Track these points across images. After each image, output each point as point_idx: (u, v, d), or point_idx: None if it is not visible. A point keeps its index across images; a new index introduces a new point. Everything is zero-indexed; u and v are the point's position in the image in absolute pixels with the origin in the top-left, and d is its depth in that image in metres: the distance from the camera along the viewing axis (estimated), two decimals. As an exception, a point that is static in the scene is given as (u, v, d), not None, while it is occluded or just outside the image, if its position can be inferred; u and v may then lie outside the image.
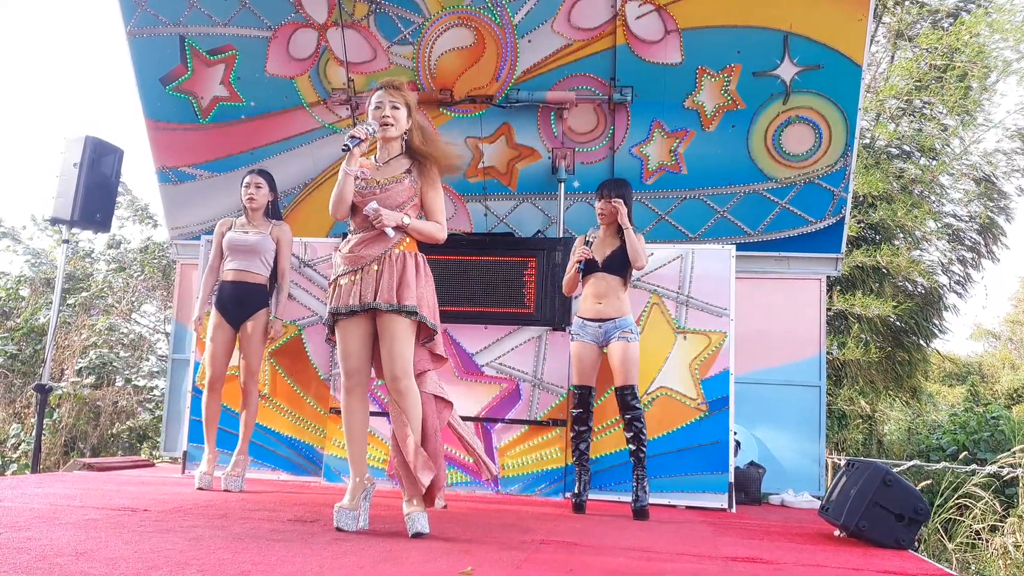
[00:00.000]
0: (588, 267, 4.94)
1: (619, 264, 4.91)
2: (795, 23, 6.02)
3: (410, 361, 3.56)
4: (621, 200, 4.92)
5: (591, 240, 5.00)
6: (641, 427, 4.77)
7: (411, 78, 6.60)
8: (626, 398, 4.79)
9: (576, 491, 4.87)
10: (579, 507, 4.82)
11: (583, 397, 4.94)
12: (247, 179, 5.30)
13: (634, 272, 4.99)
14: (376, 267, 3.59)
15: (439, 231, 3.73)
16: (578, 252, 4.95)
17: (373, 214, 3.55)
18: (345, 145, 3.57)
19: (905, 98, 11.15)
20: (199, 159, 7.04)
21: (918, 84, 10.79)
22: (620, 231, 4.96)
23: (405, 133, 3.75)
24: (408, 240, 3.67)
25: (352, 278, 3.61)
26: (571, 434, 5.01)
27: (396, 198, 3.64)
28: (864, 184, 10.47)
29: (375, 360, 3.69)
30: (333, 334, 3.70)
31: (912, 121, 11.75)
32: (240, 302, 5.17)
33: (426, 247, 3.77)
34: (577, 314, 5.04)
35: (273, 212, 5.37)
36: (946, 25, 11.38)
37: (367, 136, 3.62)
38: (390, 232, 3.59)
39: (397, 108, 3.69)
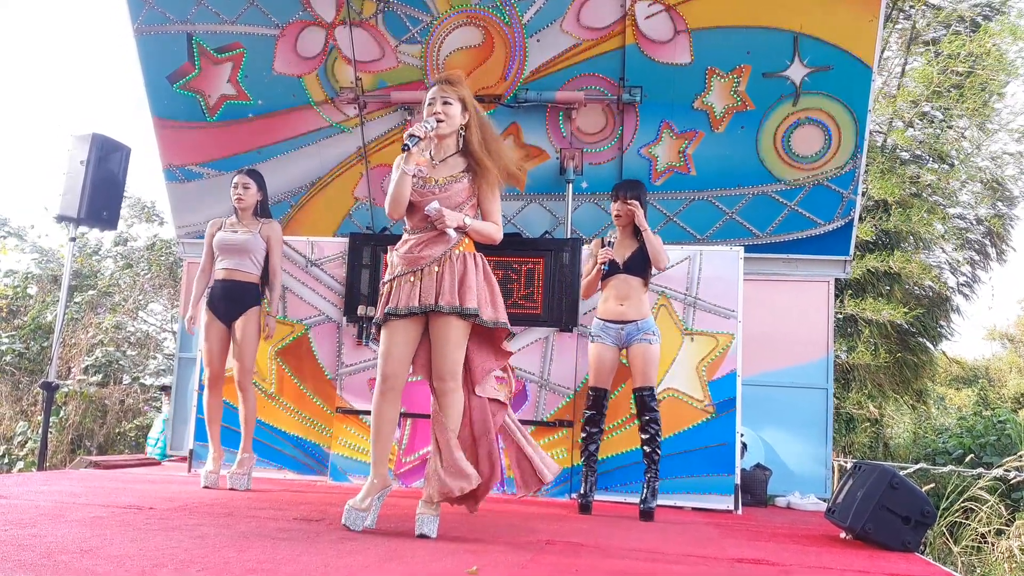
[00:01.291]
0: (609, 269, 4.89)
1: (640, 265, 4.88)
2: (805, 24, 6.00)
3: (460, 364, 3.54)
4: (637, 202, 4.90)
5: (611, 241, 4.92)
6: (658, 430, 4.74)
7: (419, 77, 6.59)
8: (645, 399, 4.76)
9: (582, 492, 4.85)
10: (585, 508, 4.80)
11: (598, 399, 4.90)
12: (236, 179, 5.30)
13: (653, 270, 4.96)
14: (437, 268, 3.54)
15: (496, 231, 3.67)
16: (600, 254, 4.90)
17: (436, 214, 3.48)
18: (405, 144, 3.49)
19: (925, 103, 11.10)
20: (206, 157, 7.04)
21: (937, 91, 10.74)
22: (637, 232, 4.93)
23: (461, 129, 3.66)
24: (468, 241, 3.62)
25: (411, 279, 3.56)
26: (582, 435, 4.97)
27: (455, 198, 3.58)
28: (881, 190, 10.44)
29: (416, 362, 3.66)
30: (379, 333, 3.63)
31: (926, 126, 11.71)
32: (231, 301, 5.18)
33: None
34: (597, 316, 4.99)
35: (263, 211, 5.37)
36: (963, 31, 11.33)
37: (426, 135, 3.54)
38: (452, 233, 3.53)
39: (449, 104, 3.59)
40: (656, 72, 6.31)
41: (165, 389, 7.18)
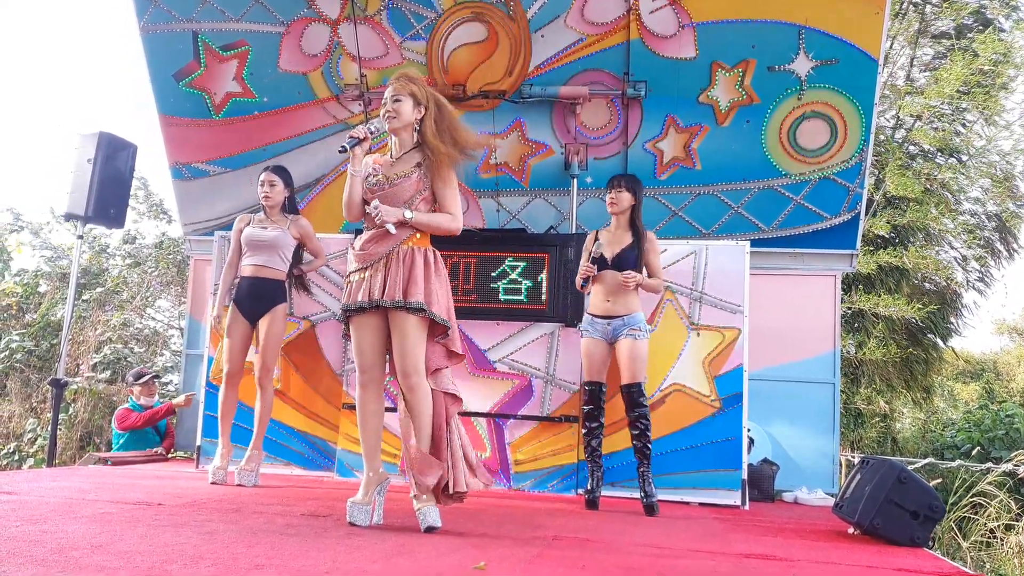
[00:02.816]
0: (598, 264, 4.91)
1: (629, 262, 4.88)
2: (810, 17, 5.98)
3: (421, 358, 3.55)
4: (631, 193, 4.93)
5: (598, 239, 4.94)
6: (647, 425, 4.75)
7: (424, 74, 6.59)
8: (633, 395, 4.77)
9: (589, 487, 4.86)
10: (592, 503, 4.80)
11: (593, 393, 4.92)
12: (262, 176, 5.31)
13: (644, 272, 4.95)
14: (385, 263, 3.58)
15: (450, 222, 3.66)
16: (592, 250, 4.90)
17: (373, 212, 3.55)
18: (342, 147, 3.58)
19: (945, 101, 11.06)
20: (212, 155, 7.05)
21: (960, 90, 10.70)
22: (631, 226, 4.96)
23: (417, 124, 3.69)
24: (418, 236, 3.64)
25: (362, 275, 3.62)
26: (583, 430, 4.99)
27: (403, 193, 3.62)
28: (898, 187, 10.42)
29: (390, 356, 3.69)
30: (349, 330, 3.70)
31: (944, 123, 11.66)
32: (258, 298, 5.19)
33: (437, 242, 3.74)
34: (587, 311, 5.03)
35: (290, 207, 5.39)
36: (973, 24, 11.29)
37: (366, 135, 3.62)
38: (391, 228, 3.56)
39: (399, 100, 3.63)
40: (661, 66, 6.30)
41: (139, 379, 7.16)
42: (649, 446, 4.77)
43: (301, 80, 6.78)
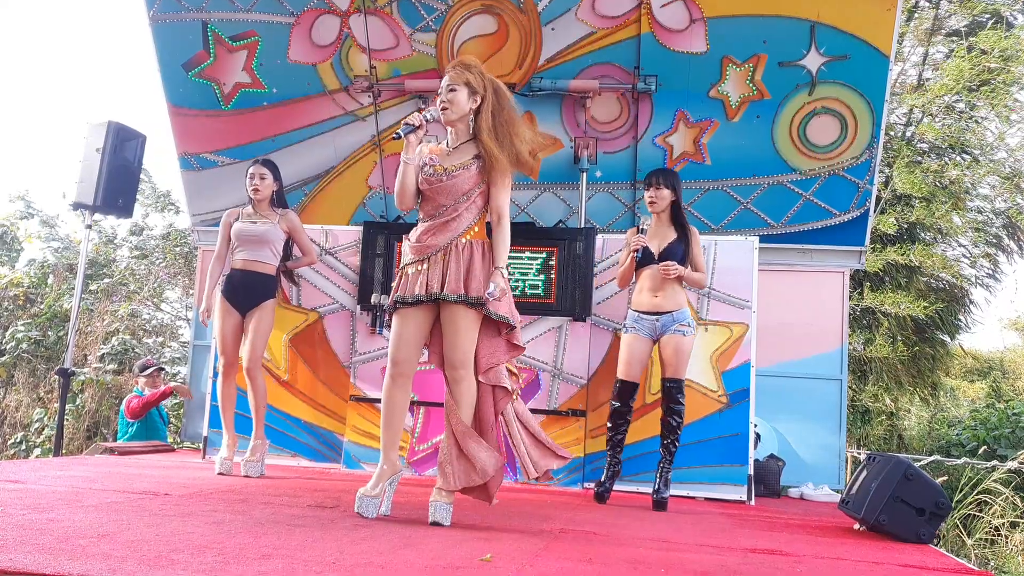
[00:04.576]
0: (644, 258, 4.82)
1: (676, 256, 4.78)
2: (822, 12, 5.96)
3: (471, 352, 3.55)
4: (671, 190, 4.86)
5: (644, 229, 4.85)
6: (680, 422, 4.71)
7: (433, 65, 6.58)
8: (672, 392, 4.71)
9: (601, 480, 4.82)
10: (601, 497, 4.78)
11: (625, 391, 4.81)
12: (251, 169, 5.31)
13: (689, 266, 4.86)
14: (443, 256, 3.56)
15: (507, 229, 3.63)
16: (632, 241, 4.83)
17: (495, 296, 3.48)
18: (397, 134, 3.54)
19: (952, 96, 11.01)
20: (221, 145, 7.05)
21: (968, 85, 10.65)
22: (674, 221, 4.88)
23: (472, 114, 3.63)
24: (476, 228, 3.61)
25: (419, 267, 3.57)
26: (608, 424, 4.89)
27: (461, 186, 3.57)
28: (907, 183, 10.38)
29: (431, 351, 3.68)
30: (391, 320, 3.65)
31: (954, 119, 11.60)
32: (248, 291, 5.20)
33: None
34: (631, 307, 4.91)
35: (279, 201, 5.38)
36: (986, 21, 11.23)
37: (422, 123, 3.57)
38: (497, 294, 3.50)
39: (454, 90, 3.56)
40: (671, 61, 6.28)
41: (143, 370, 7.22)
42: (677, 443, 4.73)
43: (311, 71, 6.77)
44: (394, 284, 3.68)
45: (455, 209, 3.58)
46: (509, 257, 3.71)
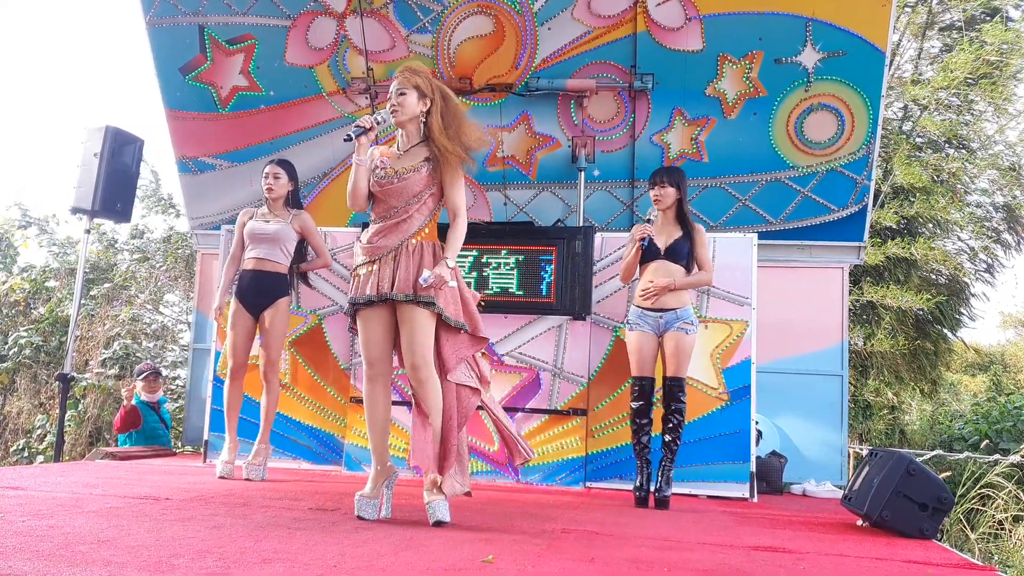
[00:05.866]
0: (649, 254, 4.78)
1: (682, 253, 4.76)
2: (817, 9, 5.96)
3: (430, 350, 3.55)
4: (676, 188, 4.82)
5: (652, 220, 4.81)
6: (681, 420, 4.68)
7: (430, 67, 6.58)
8: (673, 390, 4.69)
9: (638, 483, 4.73)
10: (642, 501, 4.69)
11: (643, 390, 4.77)
12: (266, 169, 5.30)
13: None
14: (394, 257, 3.57)
15: (463, 225, 3.66)
16: (638, 230, 4.78)
17: (426, 283, 3.45)
18: (347, 135, 3.57)
19: (952, 91, 11.01)
20: (219, 149, 7.05)
21: (969, 79, 10.65)
22: (679, 218, 4.85)
23: (423, 117, 3.68)
24: (426, 231, 3.63)
25: (370, 268, 3.60)
26: (632, 427, 4.83)
27: (412, 188, 3.60)
28: (906, 176, 10.38)
29: (397, 349, 3.68)
30: (355, 323, 3.69)
31: (951, 113, 11.60)
32: (260, 291, 5.18)
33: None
34: (635, 303, 4.87)
35: (293, 202, 5.37)
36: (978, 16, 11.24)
37: (373, 125, 3.61)
38: (452, 283, 3.53)
39: (404, 94, 3.61)
40: (668, 59, 6.28)
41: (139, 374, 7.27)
42: (678, 441, 4.70)
43: (308, 74, 6.77)
44: (349, 286, 3.72)
45: (406, 211, 3.60)
46: (509, 257, 3.72)
